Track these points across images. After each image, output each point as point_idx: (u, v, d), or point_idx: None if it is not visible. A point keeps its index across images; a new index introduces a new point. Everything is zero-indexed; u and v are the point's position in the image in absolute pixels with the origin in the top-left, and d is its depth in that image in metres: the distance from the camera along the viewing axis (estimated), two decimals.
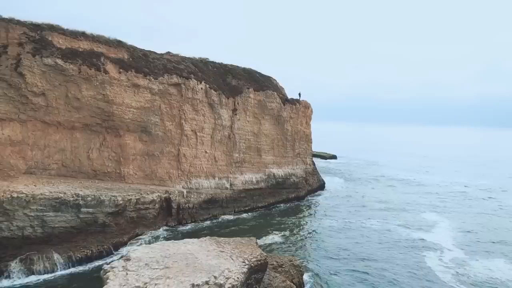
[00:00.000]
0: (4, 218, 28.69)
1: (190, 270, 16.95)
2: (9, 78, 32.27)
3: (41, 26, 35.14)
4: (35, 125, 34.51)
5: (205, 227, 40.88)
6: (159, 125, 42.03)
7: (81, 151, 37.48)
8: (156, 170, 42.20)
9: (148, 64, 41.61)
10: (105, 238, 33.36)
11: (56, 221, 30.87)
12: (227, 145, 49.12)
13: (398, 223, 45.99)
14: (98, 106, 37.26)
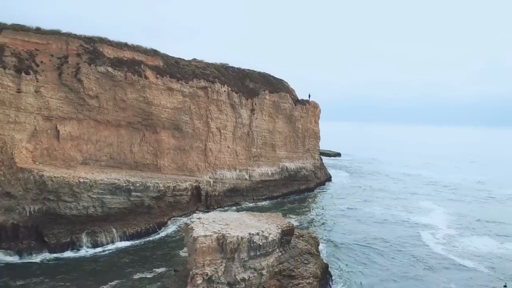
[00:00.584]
0: (73, 199, 34.83)
1: (243, 226, 23.03)
2: (70, 84, 38.40)
3: (93, 38, 41.28)
4: (89, 123, 40.64)
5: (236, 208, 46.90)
6: (189, 123, 48.11)
7: (125, 145, 43.58)
8: (187, 163, 48.29)
9: (180, 70, 47.72)
10: (150, 218, 39.53)
11: (112, 202, 37.02)
12: (246, 141, 55.24)
13: (398, 209, 52.09)
14: (140, 107, 43.34)
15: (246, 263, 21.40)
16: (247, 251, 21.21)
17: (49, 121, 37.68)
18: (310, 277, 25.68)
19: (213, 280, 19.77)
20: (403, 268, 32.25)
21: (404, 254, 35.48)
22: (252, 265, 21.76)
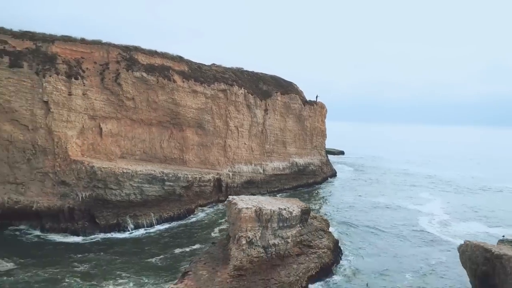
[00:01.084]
0: (117, 187, 40.38)
1: (272, 204, 28.51)
2: (111, 87, 43.96)
3: (129, 47, 46.80)
4: (126, 122, 46.18)
5: None
6: (211, 122, 53.58)
7: (155, 141, 49.12)
8: (209, 157, 53.78)
9: (202, 74, 53.21)
10: (180, 205, 45.04)
11: (149, 190, 42.56)
12: (260, 138, 60.75)
13: (399, 199, 57.59)
14: (169, 107, 48.85)
15: (276, 232, 26.87)
16: (277, 222, 26.69)
17: (93, 120, 43.25)
18: (324, 248, 31.15)
19: (253, 243, 25.24)
20: (403, 245, 37.70)
21: (404, 234, 40.90)
22: (280, 234, 27.23)
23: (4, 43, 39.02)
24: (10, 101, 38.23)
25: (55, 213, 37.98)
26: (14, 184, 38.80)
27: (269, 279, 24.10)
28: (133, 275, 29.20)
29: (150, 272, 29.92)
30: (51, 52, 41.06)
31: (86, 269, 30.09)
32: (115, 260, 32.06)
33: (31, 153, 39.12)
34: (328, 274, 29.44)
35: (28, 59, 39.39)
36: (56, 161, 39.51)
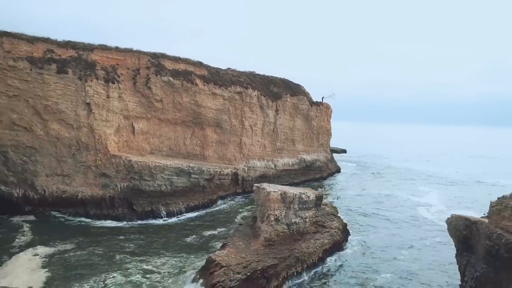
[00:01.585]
0: (151, 178, 45.71)
1: (293, 189, 33.83)
2: (142, 90, 49.28)
3: (157, 54, 52.08)
4: (154, 121, 51.47)
5: None
6: (228, 121, 58.84)
7: (179, 139, 54.42)
8: (226, 153, 59.07)
9: (220, 78, 58.51)
10: (204, 195, 50.33)
11: (178, 182, 47.87)
12: (271, 136, 66.06)
13: (400, 191, 62.97)
14: (191, 108, 54.13)
15: (297, 212, 32.17)
16: (297, 204, 31.99)
17: (127, 120, 48.58)
18: (335, 228, 36.45)
19: (279, 220, 30.53)
20: (402, 228, 43.03)
21: (403, 220, 46.24)
22: (300, 214, 32.52)
23: (51, 52, 44.34)
24: (58, 103, 43.56)
25: (97, 201, 43.35)
26: (61, 176, 44.12)
27: (292, 249, 29.40)
28: (173, 252, 34.42)
29: (187, 249, 35.18)
30: (91, 59, 46.39)
31: (132, 249, 35.22)
32: (155, 241, 37.25)
33: (75, 148, 44.46)
34: (339, 249, 34.79)
35: (72, 66, 44.71)
36: (97, 155, 44.85)
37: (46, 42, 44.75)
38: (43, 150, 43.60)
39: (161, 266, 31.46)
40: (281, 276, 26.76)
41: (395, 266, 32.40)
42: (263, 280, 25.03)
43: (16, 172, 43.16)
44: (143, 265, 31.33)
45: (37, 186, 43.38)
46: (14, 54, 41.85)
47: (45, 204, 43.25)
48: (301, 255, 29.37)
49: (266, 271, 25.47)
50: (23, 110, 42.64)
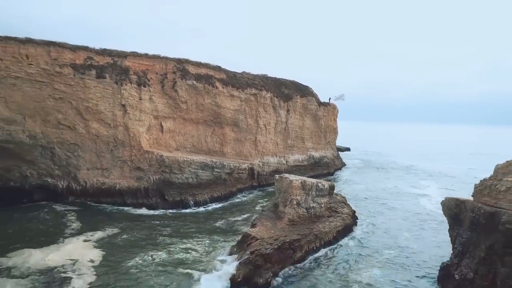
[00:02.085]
0: (179, 172, 51.12)
1: (310, 179, 39.18)
2: (169, 93, 54.68)
3: (181, 60, 57.41)
4: (180, 121, 56.86)
5: None
6: (244, 121, 64.19)
7: (201, 137, 59.81)
8: (242, 150, 64.44)
9: (237, 81, 63.87)
10: (225, 187, 55.69)
11: (202, 175, 53.27)
12: (283, 134, 71.43)
13: (403, 184, 68.23)
14: (212, 109, 59.49)
15: (314, 198, 37.50)
16: (315, 191, 37.32)
17: (157, 119, 53.99)
18: (346, 214, 41.73)
19: (300, 204, 35.87)
20: (404, 215, 48.31)
21: (405, 209, 51.53)
22: (316, 200, 37.85)
23: (91, 59, 49.75)
24: (97, 105, 48.98)
25: (133, 192, 48.77)
26: (101, 169, 49.57)
27: (311, 228, 34.75)
28: (205, 235, 39.63)
29: (217, 232, 40.47)
30: (124, 65, 51.78)
31: (169, 232, 40.39)
32: (188, 226, 42.50)
33: (113, 145, 49.90)
34: (350, 231, 40.07)
35: (108, 71, 50.12)
36: (132, 151, 50.29)
37: (86, 50, 50.16)
38: (84, 147, 49.05)
39: (197, 245, 36.60)
40: (304, 249, 32.10)
41: (398, 244, 37.71)
42: (290, 251, 30.38)
43: (61, 166, 48.63)
44: (182, 245, 36.32)
45: (79, 178, 48.85)
46: (60, 61, 47.25)
47: (86, 194, 48.69)
48: (319, 233, 34.72)
49: (292, 243, 30.83)
50: (67, 111, 48.04)
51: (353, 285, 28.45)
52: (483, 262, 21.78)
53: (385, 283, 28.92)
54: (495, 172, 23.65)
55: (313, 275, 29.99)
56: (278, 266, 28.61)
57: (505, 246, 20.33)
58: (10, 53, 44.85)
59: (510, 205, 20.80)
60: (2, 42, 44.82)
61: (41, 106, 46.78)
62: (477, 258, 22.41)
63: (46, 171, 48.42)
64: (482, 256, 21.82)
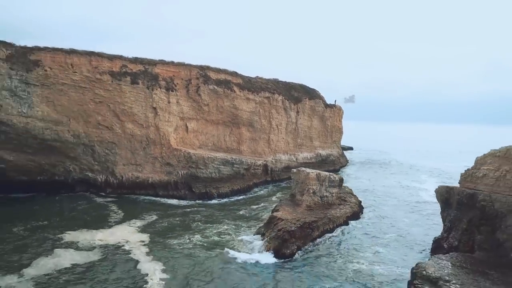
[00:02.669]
0: (204, 167, 57.40)
1: (323, 172, 45.41)
2: (194, 97, 60.94)
3: (203, 67, 63.63)
4: (202, 122, 63.10)
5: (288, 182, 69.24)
6: (258, 121, 70.41)
7: (221, 136, 66.05)
8: (257, 148, 70.68)
9: (252, 85, 70.11)
10: (243, 182, 61.92)
11: (224, 170, 59.53)
12: (293, 134, 77.67)
13: (403, 179, 74.38)
14: (230, 111, 65.72)
15: (327, 188, 43.72)
16: (328, 182, 43.54)
17: (182, 121, 60.26)
18: (353, 203, 47.96)
19: (315, 193, 42.09)
20: (404, 205, 54.50)
21: (406, 200, 57.73)
22: (329, 190, 44.06)
23: (125, 67, 56.00)
24: (132, 108, 55.25)
25: (164, 184, 55.04)
26: (135, 165, 55.86)
27: (325, 213, 40.97)
28: (232, 221, 45.74)
29: (242, 219, 46.64)
30: (154, 72, 58.04)
31: (200, 219, 46.46)
32: (215, 214, 48.61)
33: (145, 143, 56.17)
34: (357, 217, 46.21)
35: (141, 77, 56.38)
36: (162, 149, 56.57)
37: (121, 59, 56.41)
38: (121, 145, 55.34)
39: (227, 229, 42.66)
40: (320, 229, 38.31)
41: (398, 227, 43.92)
42: (309, 230, 36.59)
43: (100, 162, 54.93)
44: (213, 229, 42.30)
45: (116, 173, 55.14)
46: (99, 69, 53.55)
47: (122, 187, 54.93)
48: (332, 217, 40.96)
49: (311, 224, 37.06)
50: (106, 113, 54.32)
51: (360, 260, 34.45)
52: (465, 232, 27.96)
53: (386, 257, 35.07)
54: (475, 163, 29.74)
55: (328, 250, 36.19)
56: (300, 241, 34.81)
57: (481, 219, 26.49)
58: (57, 63, 51.20)
59: (485, 187, 26.96)
60: (51, 52, 51.21)
61: (84, 109, 53.07)
62: (460, 230, 28.59)
63: (87, 166, 54.74)
64: (464, 227, 28.00)
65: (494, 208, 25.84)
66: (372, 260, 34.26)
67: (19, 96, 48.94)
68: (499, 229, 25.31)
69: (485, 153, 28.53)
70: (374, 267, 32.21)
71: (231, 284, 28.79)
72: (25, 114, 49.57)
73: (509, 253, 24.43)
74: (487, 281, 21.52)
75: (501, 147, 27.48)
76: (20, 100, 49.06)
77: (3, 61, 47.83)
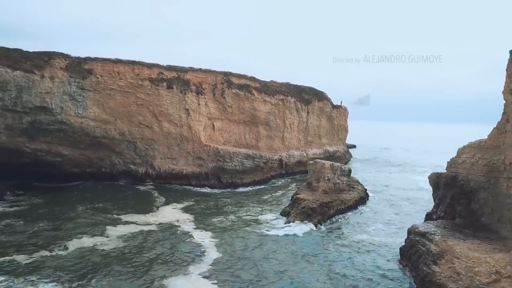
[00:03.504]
0: (230, 161, 66.16)
1: (335, 163, 54.13)
2: (219, 99, 69.68)
3: (227, 73, 72.40)
4: (226, 122, 71.82)
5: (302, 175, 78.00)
6: (274, 121, 79.09)
7: (242, 134, 74.76)
8: (273, 145, 79.38)
9: (268, 89, 78.81)
10: (262, 174, 70.63)
11: (246, 164, 68.28)
12: (304, 132, 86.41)
13: (404, 173, 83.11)
14: (250, 112, 74.44)
15: (339, 177, 52.38)
16: (339, 171, 52.22)
17: (210, 120, 68.99)
18: (360, 189, 56.59)
19: (329, 180, 50.80)
20: (407, 193, 63.20)
21: (407, 188, 66.45)
22: (340, 178, 52.72)
23: (162, 74, 64.67)
24: (168, 109, 63.95)
25: (196, 175, 63.77)
26: (171, 158, 64.62)
27: (338, 196, 49.67)
28: (257, 205, 54.26)
29: (266, 203, 55.21)
30: (186, 78, 66.76)
31: (230, 202, 55.05)
32: (243, 199, 57.15)
33: (179, 140, 64.90)
34: (364, 203, 54.76)
35: (175, 83, 65.10)
36: (194, 145, 65.32)
37: (158, 67, 65.12)
38: (158, 141, 64.06)
39: (255, 210, 51.06)
40: (334, 209, 46.95)
41: (399, 209, 52.61)
42: (326, 208, 45.26)
43: (141, 156, 63.67)
44: (244, 211, 50.75)
45: (155, 165, 63.88)
46: (141, 76, 62.27)
47: (160, 178, 63.61)
48: (343, 200, 49.65)
49: (327, 204, 45.76)
50: (146, 114, 63.03)
51: (363, 234, 42.09)
52: (449, 205, 36.56)
53: (387, 229, 43.71)
54: (457, 153, 38.29)
55: (341, 224, 44.84)
56: (320, 217, 43.49)
57: (460, 194, 35.06)
58: (106, 71, 59.94)
59: (463, 171, 35.53)
60: (101, 62, 59.95)
61: (127, 110, 61.79)
62: (445, 204, 37.21)
63: (130, 160, 63.52)
64: (448, 202, 36.62)
65: (470, 186, 34.42)
66: (376, 231, 42.96)
67: (76, 100, 57.65)
68: (473, 201, 33.89)
69: (464, 145, 37.10)
70: (377, 237, 40.88)
71: (267, 251, 35.84)
72: (80, 115, 58.25)
73: (480, 218, 33.00)
74: (461, 235, 30.13)
75: (476, 140, 36.06)
76: (76, 103, 57.77)
77: (63, 70, 56.59)
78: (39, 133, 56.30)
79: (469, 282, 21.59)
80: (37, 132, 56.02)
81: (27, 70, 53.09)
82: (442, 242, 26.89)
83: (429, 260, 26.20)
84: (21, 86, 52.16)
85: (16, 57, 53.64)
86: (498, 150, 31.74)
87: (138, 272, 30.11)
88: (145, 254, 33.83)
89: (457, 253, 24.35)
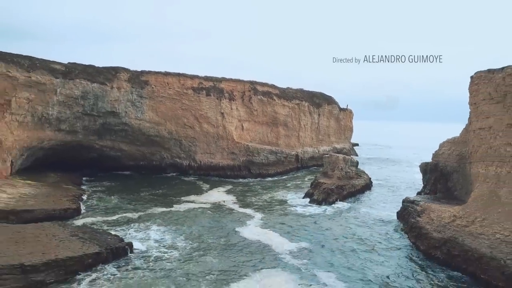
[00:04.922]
0: (257, 155, 79.86)
1: (346, 156, 67.89)
2: (247, 104, 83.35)
3: (252, 82, 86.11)
4: (252, 123, 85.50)
5: (315, 168, 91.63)
6: (291, 122, 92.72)
7: (265, 134, 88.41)
8: (290, 143, 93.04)
9: (286, 95, 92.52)
10: (283, 166, 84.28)
11: (270, 158, 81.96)
12: (316, 132, 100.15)
13: (404, 167, 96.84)
14: (271, 115, 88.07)
15: (349, 167, 65.98)
16: (350, 162, 65.89)
17: (240, 122, 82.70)
18: (366, 178, 70.20)
19: (342, 169, 64.47)
20: (408, 183, 76.86)
21: (407, 180, 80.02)
22: (350, 168, 66.35)
23: (201, 83, 78.36)
24: (207, 113, 77.65)
25: (231, 168, 77.42)
26: (209, 153, 78.32)
27: (349, 181, 63.30)
28: (283, 189, 67.68)
29: (290, 188, 68.76)
30: (220, 87, 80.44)
31: (260, 188, 68.08)
32: (271, 186, 70.63)
33: (216, 138, 78.59)
34: (369, 189, 68.26)
35: (212, 91, 78.79)
36: (228, 142, 79.03)
37: (198, 78, 78.81)
38: (199, 139, 77.77)
39: (282, 194, 64.41)
40: (347, 190, 60.47)
41: (399, 193, 66.13)
42: (341, 190, 58.87)
43: (185, 151, 77.39)
44: (273, 194, 63.76)
45: (197, 159, 77.59)
46: (185, 85, 75.99)
47: (201, 169, 77.23)
48: (353, 184, 63.31)
49: (342, 186, 59.43)
50: (189, 117, 76.74)
51: (371, 209, 55.82)
52: (432, 185, 50.23)
53: (385, 206, 57.28)
54: (439, 146, 51.98)
55: (352, 203, 58.45)
56: (337, 195, 57.16)
57: (440, 176, 48.68)
58: (159, 82, 73.64)
59: (443, 159, 49.14)
60: (154, 75, 73.63)
61: (175, 114, 75.48)
62: (430, 184, 50.90)
63: (176, 154, 77.25)
64: (432, 182, 50.30)
65: (447, 170, 48.10)
66: (379, 207, 56.58)
67: (136, 106, 71.37)
68: (449, 180, 47.57)
69: (444, 141, 50.78)
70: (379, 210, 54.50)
71: (297, 222, 47.95)
72: (139, 117, 71.95)
73: (454, 192, 46.68)
74: (439, 203, 43.84)
75: (453, 136, 49.74)
76: (136, 108, 71.49)
77: (127, 82, 70.34)
78: (106, 132, 70.07)
79: (438, 223, 35.16)
80: (105, 132, 69.79)
81: (101, 82, 66.89)
82: (424, 204, 40.62)
83: (415, 215, 39.92)
84: (97, 95, 65.94)
85: (92, 72, 67.37)
86: (465, 144, 45.44)
87: (213, 227, 43.87)
88: (210, 219, 47.36)
89: (432, 209, 38.06)
